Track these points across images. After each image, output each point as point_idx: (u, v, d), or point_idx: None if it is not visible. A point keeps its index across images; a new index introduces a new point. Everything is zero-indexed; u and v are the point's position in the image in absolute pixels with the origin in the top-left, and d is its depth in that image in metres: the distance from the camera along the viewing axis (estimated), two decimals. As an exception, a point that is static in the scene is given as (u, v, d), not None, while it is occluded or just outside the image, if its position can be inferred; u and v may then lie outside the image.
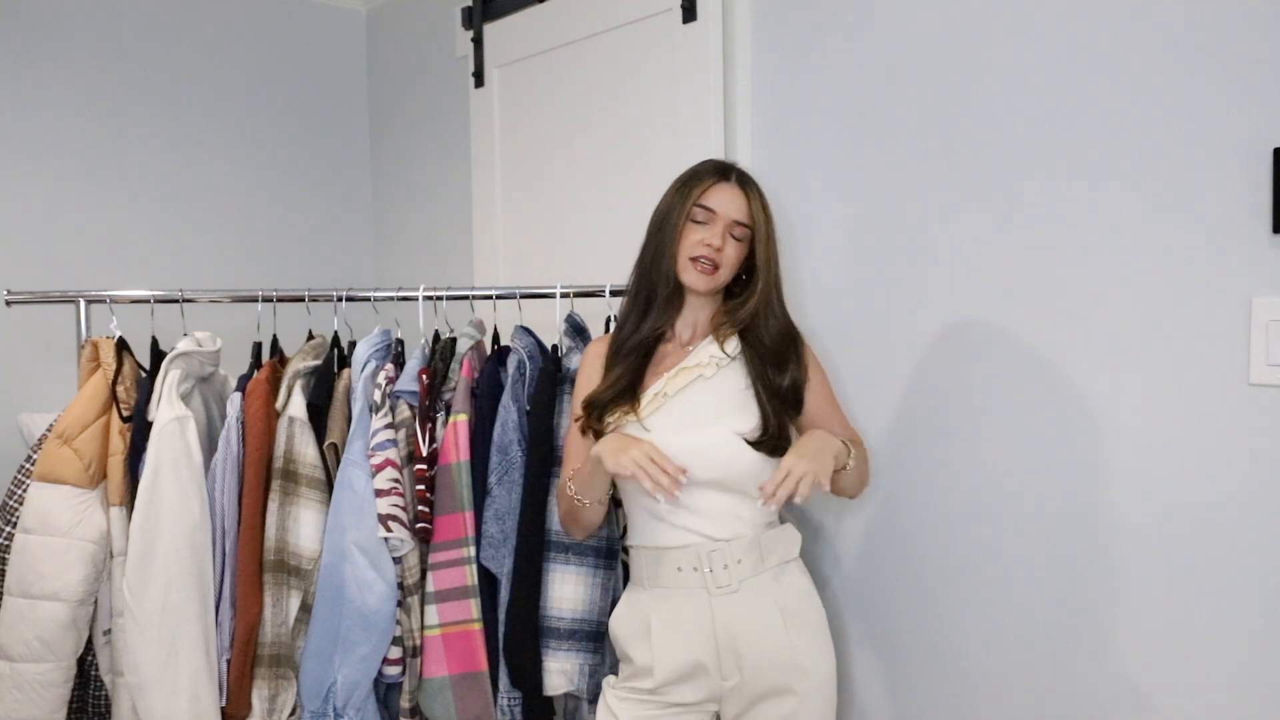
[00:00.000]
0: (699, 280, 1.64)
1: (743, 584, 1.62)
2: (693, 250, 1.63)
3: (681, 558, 1.63)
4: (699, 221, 1.64)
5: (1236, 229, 1.43)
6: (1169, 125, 1.49)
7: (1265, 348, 1.40)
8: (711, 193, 1.64)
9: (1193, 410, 1.48)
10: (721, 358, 1.66)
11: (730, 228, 1.64)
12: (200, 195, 3.04)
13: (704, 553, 1.61)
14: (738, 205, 1.64)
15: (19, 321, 2.69)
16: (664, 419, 1.63)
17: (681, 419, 1.63)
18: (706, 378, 1.65)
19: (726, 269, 1.65)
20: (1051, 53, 1.62)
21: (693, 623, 1.62)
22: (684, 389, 1.64)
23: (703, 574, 1.62)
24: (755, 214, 1.65)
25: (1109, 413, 1.57)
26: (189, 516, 1.83)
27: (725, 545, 1.62)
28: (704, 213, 1.64)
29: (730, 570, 1.61)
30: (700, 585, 1.62)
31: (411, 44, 3.13)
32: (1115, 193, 1.55)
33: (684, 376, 1.65)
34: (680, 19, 2.13)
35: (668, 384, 1.65)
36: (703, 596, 1.62)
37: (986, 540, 1.74)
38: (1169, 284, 1.50)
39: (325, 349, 2.03)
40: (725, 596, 1.61)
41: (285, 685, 1.86)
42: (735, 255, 1.65)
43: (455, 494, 1.84)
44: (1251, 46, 1.40)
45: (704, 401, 1.64)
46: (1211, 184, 1.45)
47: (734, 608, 1.62)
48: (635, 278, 1.71)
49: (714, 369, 1.65)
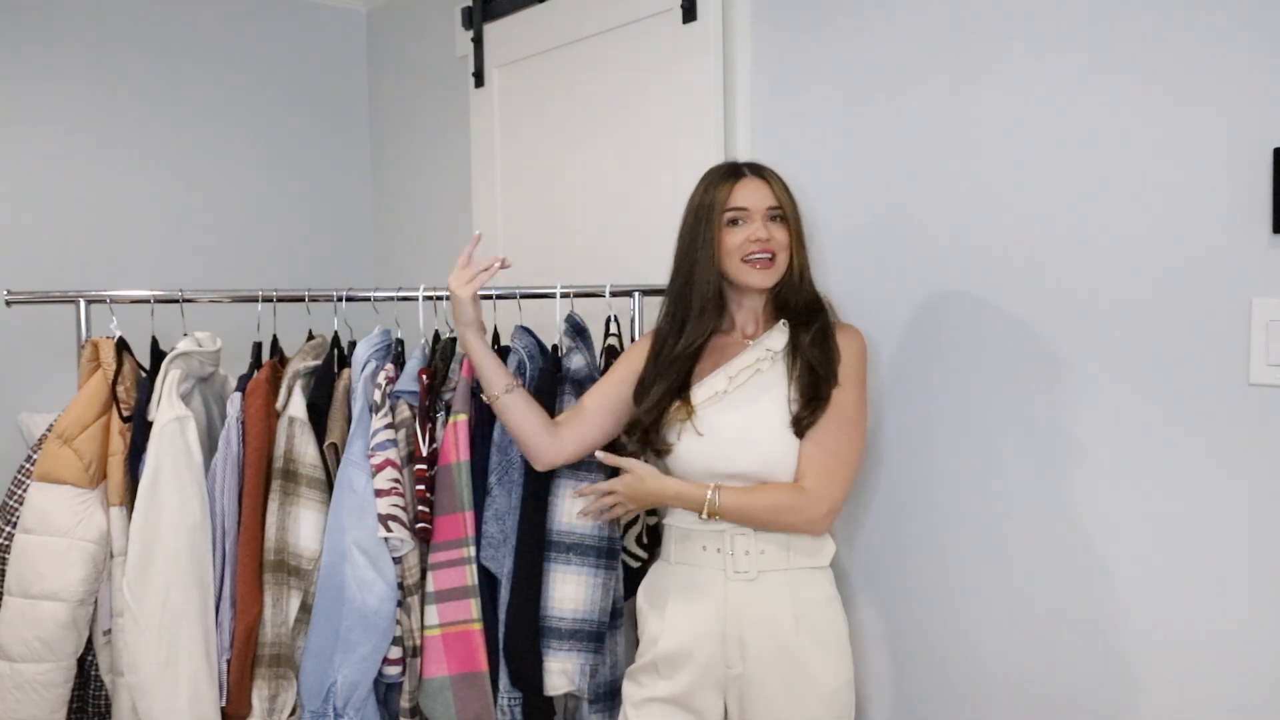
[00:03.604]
0: (761, 277, 1.65)
1: (761, 574, 1.64)
2: (742, 251, 1.64)
3: (708, 537, 1.66)
4: (735, 224, 1.65)
5: (1236, 229, 1.43)
6: (1169, 125, 1.49)
7: (1265, 348, 1.40)
8: (736, 193, 1.64)
9: (1193, 410, 1.48)
10: (777, 351, 1.67)
11: (767, 215, 1.65)
12: (200, 195, 3.04)
13: (729, 535, 1.64)
14: (764, 194, 1.66)
15: (19, 321, 2.69)
16: (716, 416, 1.65)
17: (733, 413, 1.65)
18: (763, 371, 1.67)
19: (783, 253, 1.66)
20: (1051, 52, 1.62)
21: (706, 602, 1.65)
22: (742, 386, 1.66)
23: (724, 555, 1.64)
24: (781, 196, 1.67)
25: (1109, 412, 1.57)
26: (189, 517, 1.82)
27: (752, 532, 1.63)
28: (737, 213, 1.64)
29: (751, 557, 1.63)
30: (719, 566, 1.65)
31: (411, 44, 3.13)
32: (1115, 192, 1.55)
33: (743, 375, 1.67)
34: (680, 19, 2.13)
35: (730, 382, 1.67)
36: (720, 578, 1.65)
37: (983, 539, 1.74)
38: (1169, 284, 1.50)
39: (325, 349, 2.03)
40: (742, 582, 1.64)
41: (285, 685, 1.86)
42: (784, 237, 1.66)
43: (455, 494, 1.84)
44: (1251, 46, 1.40)
45: (754, 396, 1.66)
46: (1211, 184, 1.45)
47: (748, 595, 1.64)
48: (669, 300, 1.72)
49: (770, 363, 1.67)
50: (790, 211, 1.67)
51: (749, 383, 1.66)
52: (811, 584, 1.67)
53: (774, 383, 1.66)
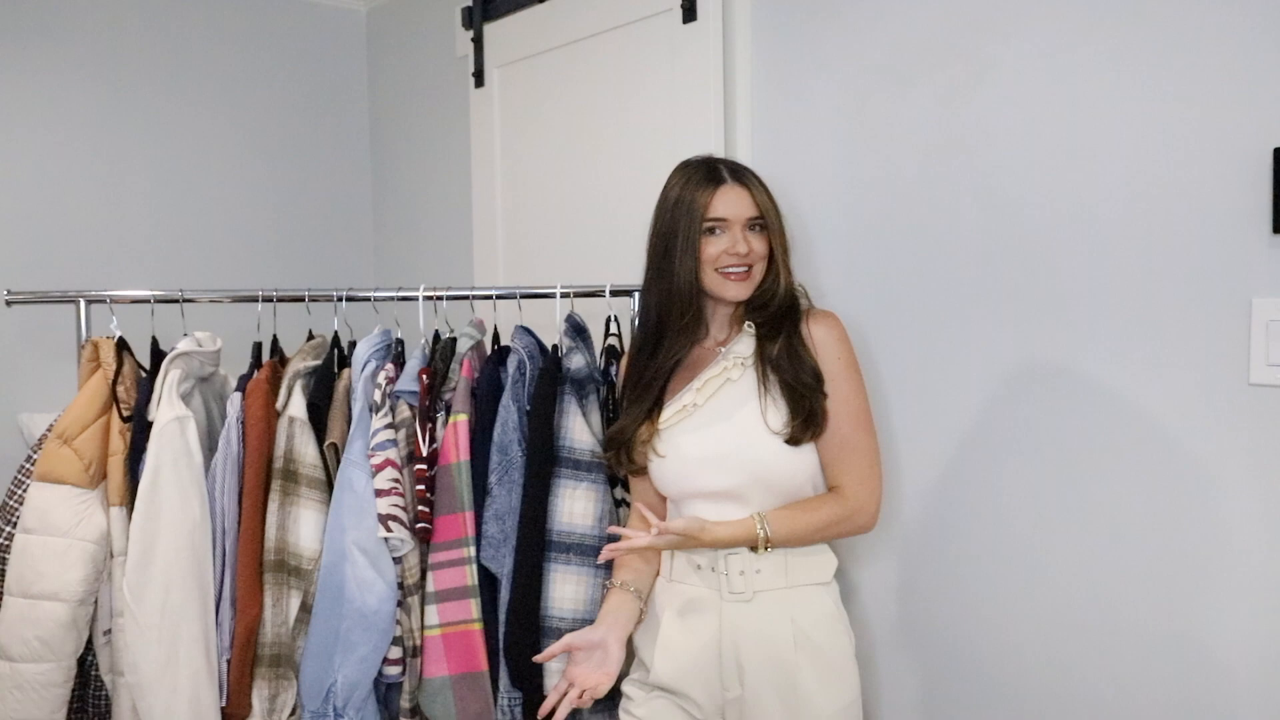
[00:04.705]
0: (736, 289, 1.58)
1: (757, 595, 1.57)
2: (718, 263, 1.57)
3: (701, 556, 1.60)
4: (715, 231, 1.58)
5: (1236, 229, 1.43)
6: (1169, 125, 1.49)
7: (1265, 348, 1.40)
8: (716, 202, 1.56)
9: (1193, 410, 1.49)
10: (746, 357, 1.61)
11: (747, 224, 1.58)
12: (200, 195, 3.04)
13: (722, 554, 1.57)
14: (745, 203, 1.58)
15: (19, 321, 2.69)
16: (688, 429, 1.60)
17: (707, 426, 1.59)
18: (734, 380, 1.60)
19: (758, 265, 1.59)
20: (1051, 53, 1.62)
21: (700, 625, 1.59)
22: (712, 396, 1.60)
23: (719, 575, 1.58)
24: (762, 203, 1.59)
25: (1109, 412, 1.57)
26: (189, 517, 1.83)
27: (746, 550, 1.56)
28: (716, 223, 1.57)
29: (746, 577, 1.56)
30: (714, 587, 1.59)
31: (412, 44, 3.13)
32: (1115, 192, 1.55)
33: (711, 385, 1.60)
34: (680, 19, 2.13)
35: (697, 394, 1.61)
36: (714, 599, 1.58)
37: (983, 539, 1.74)
38: (1169, 284, 1.50)
39: (325, 349, 2.03)
40: (737, 604, 1.57)
41: (285, 685, 1.86)
42: (762, 248, 1.59)
43: (455, 494, 1.84)
44: (1251, 47, 1.40)
45: (727, 407, 1.59)
46: (1211, 184, 1.45)
47: (743, 617, 1.57)
48: (644, 307, 1.65)
49: (740, 370, 1.60)
50: (772, 218, 1.60)
51: (720, 393, 1.60)
52: (812, 602, 1.59)
53: (747, 391, 1.59)
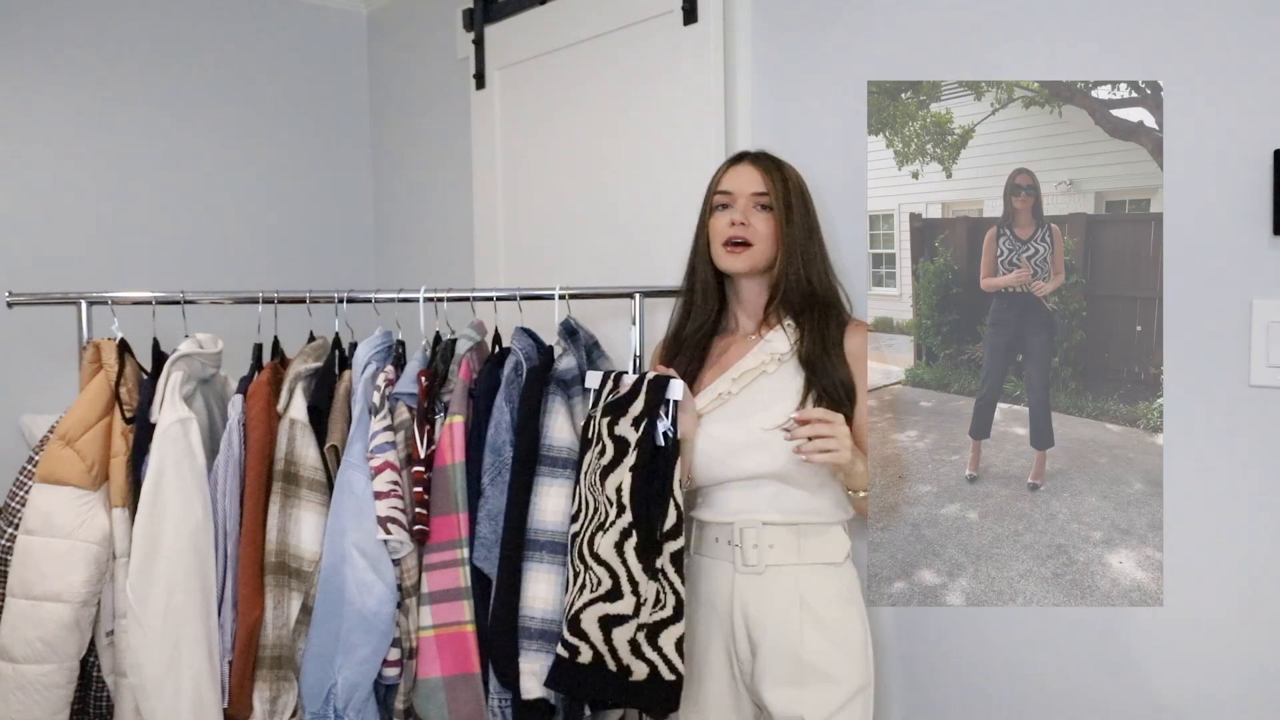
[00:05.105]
0: (730, 260, 1.68)
1: (768, 569, 1.64)
2: (721, 235, 1.68)
3: (719, 530, 1.69)
4: (723, 206, 1.69)
5: (1236, 230, 1.43)
6: (1169, 126, 1.49)
7: (1265, 349, 1.40)
8: (726, 176, 1.71)
9: (1193, 411, 1.48)
10: (784, 353, 1.67)
11: (752, 201, 1.66)
12: (201, 196, 3.04)
13: (738, 528, 1.65)
14: (751, 179, 1.68)
15: (20, 323, 2.69)
16: (722, 416, 1.66)
17: (740, 414, 1.66)
18: (769, 373, 1.67)
19: (760, 243, 1.67)
20: (1051, 53, 1.62)
21: (715, 597, 1.67)
22: (747, 387, 1.67)
23: (734, 548, 1.65)
24: (772, 184, 1.66)
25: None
26: (192, 518, 1.83)
27: (760, 524, 1.64)
28: (722, 196, 1.70)
29: (760, 551, 1.64)
30: (729, 559, 1.66)
31: (412, 46, 3.13)
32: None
33: (748, 377, 1.68)
34: (681, 21, 2.13)
35: (733, 384, 1.68)
36: (728, 571, 1.66)
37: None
38: (1169, 284, 1.50)
39: (326, 351, 2.03)
40: (749, 576, 1.64)
41: (286, 687, 1.86)
42: (766, 227, 1.66)
43: (450, 495, 1.84)
44: (1251, 47, 1.40)
45: (761, 398, 1.66)
46: (1211, 184, 1.45)
47: (754, 590, 1.64)
48: (684, 279, 1.80)
49: (776, 365, 1.67)
50: (779, 200, 1.66)
51: (754, 384, 1.67)
52: (824, 581, 1.64)
53: (783, 385, 1.66)
